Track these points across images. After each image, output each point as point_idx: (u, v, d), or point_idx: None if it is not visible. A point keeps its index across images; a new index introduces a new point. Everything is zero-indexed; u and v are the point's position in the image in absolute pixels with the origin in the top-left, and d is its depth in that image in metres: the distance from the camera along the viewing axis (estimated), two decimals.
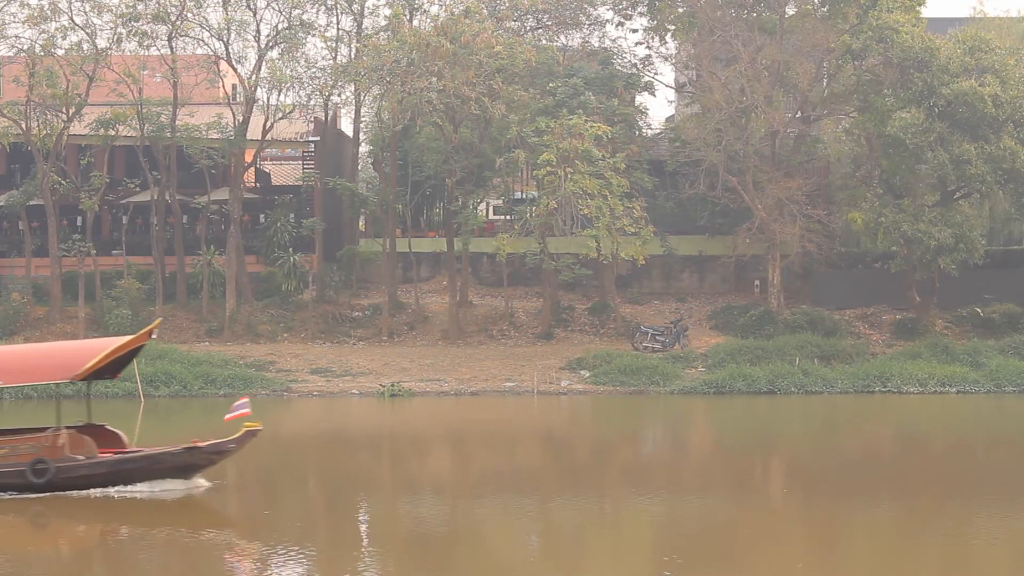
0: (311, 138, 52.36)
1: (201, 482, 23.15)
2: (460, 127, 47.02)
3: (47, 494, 22.02)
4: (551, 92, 46.22)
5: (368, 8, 50.37)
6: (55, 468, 21.97)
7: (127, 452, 23.13)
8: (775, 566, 17.72)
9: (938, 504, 22.18)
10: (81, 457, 22.33)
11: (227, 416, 23.23)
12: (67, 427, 22.84)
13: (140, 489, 22.50)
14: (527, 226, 46.70)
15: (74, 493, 22.18)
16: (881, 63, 45.21)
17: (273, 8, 48.38)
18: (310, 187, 51.44)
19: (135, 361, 40.23)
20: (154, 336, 24.85)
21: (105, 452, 22.79)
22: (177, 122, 48.11)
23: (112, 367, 23.99)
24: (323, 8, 49.32)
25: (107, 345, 23.70)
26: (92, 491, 22.31)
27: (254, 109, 48.19)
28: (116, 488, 22.42)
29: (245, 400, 23.98)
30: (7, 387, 26.54)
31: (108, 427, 23.60)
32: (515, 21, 50.79)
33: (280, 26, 48.15)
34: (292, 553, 18.32)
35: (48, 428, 22.81)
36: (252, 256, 50.20)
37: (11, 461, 22.00)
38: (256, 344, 45.84)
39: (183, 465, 22.84)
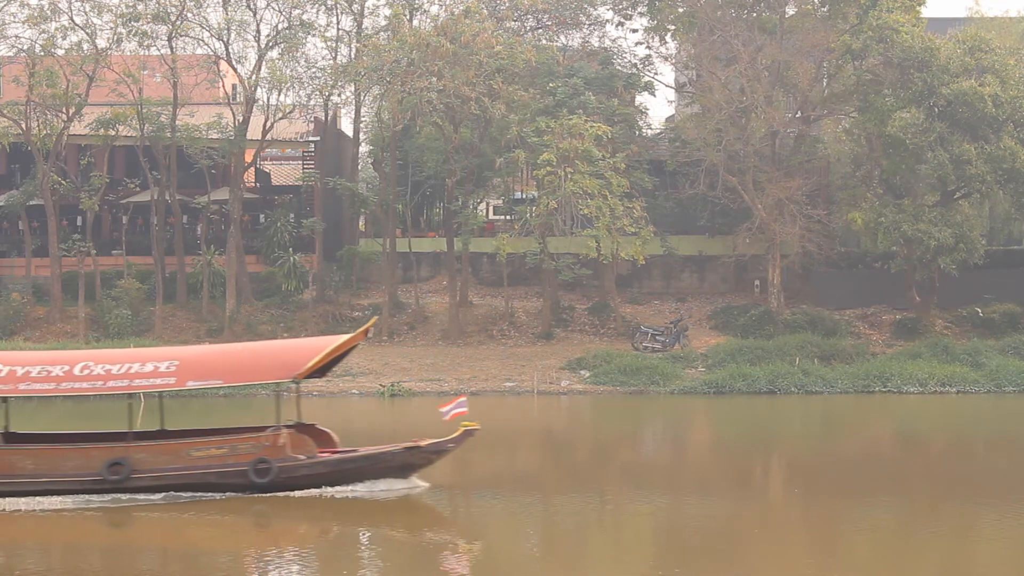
0: (311, 138, 52.38)
1: (419, 482, 22.66)
2: (460, 127, 47.02)
3: (267, 494, 21.60)
4: (551, 92, 46.22)
5: (368, 8, 50.49)
6: (277, 468, 21.54)
7: (346, 452, 22.65)
8: (775, 566, 17.72)
9: (938, 504, 22.18)
10: (302, 457, 21.88)
11: (445, 414, 22.71)
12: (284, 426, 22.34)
13: (358, 489, 22.06)
14: (527, 226, 46.69)
15: (293, 493, 21.72)
16: (881, 63, 45.22)
17: (273, 8, 48.46)
18: (310, 187, 51.46)
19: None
20: (370, 334, 24.44)
21: (322, 452, 22.33)
22: (177, 122, 48.12)
23: (324, 366, 23.51)
24: (323, 8, 49.36)
25: (326, 344, 23.34)
26: (310, 491, 21.83)
27: (254, 109, 48.20)
28: (335, 488, 21.97)
29: (463, 399, 23.57)
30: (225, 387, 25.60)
31: (318, 426, 23.08)
32: (515, 21, 50.82)
33: (280, 26, 48.21)
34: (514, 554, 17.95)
35: (267, 428, 22.34)
36: (252, 256, 50.21)
37: (231, 461, 21.62)
38: None
39: (402, 465, 22.38)
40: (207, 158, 48.56)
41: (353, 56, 48.87)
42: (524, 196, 51.19)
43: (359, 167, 57.88)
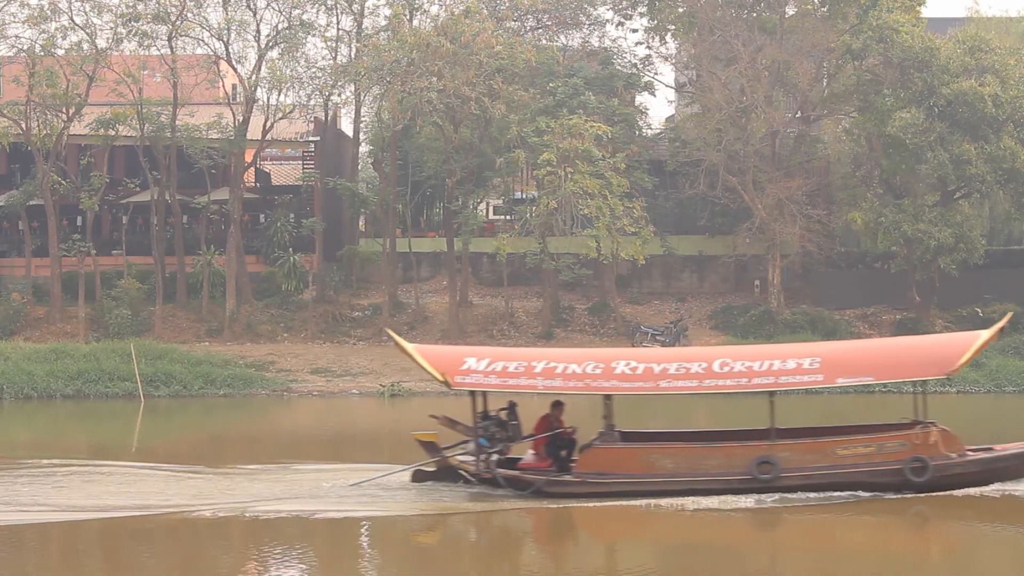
0: (311, 138, 52.38)
1: None
2: (460, 127, 47.03)
3: (921, 495, 20.54)
4: (551, 92, 46.23)
5: (368, 8, 50.44)
6: (932, 466, 20.59)
7: (983, 449, 21.71)
8: (774, 567, 17.72)
9: (938, 504, 22.13)
10: (953, 455, 20.94)
11: None
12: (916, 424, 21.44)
13: (1006, 488, 21.18)
14: (527, 226, 46.70)
15: (946, 493, 20.72)
16: (881, 63, 45.24)
17: (273, 8, 48.44)
18: (310, 187, 51.46)
19: (134, 362, 40.43)
20: (1004, 331, 23.90)
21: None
22: (177, 122, 48.11)
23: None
24: (323, 8, 49.34)
25: (975, 339, 22.10)
26: (956, 492, 20.84)
27: (254, 109, 48.18)
28: (984, 488, 21.00)
29: None
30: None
31: (937, 424, 21.70)
32: (515, 21, 50.83)
33: (280, 26, 48.19)
34: None
35: (916, 424, 21.34)
36: (252, 256, 50.21)
37: (879, 460, 20.69)
38: (256, 344, 45.82)
39: None
40: (207, 158, 48.56)
41: (353, 56, 48.86)
42: (524, 196, 51.20)
43: (359, 167, 57.88)
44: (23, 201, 48.73)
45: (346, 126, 56.83)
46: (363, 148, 56.94)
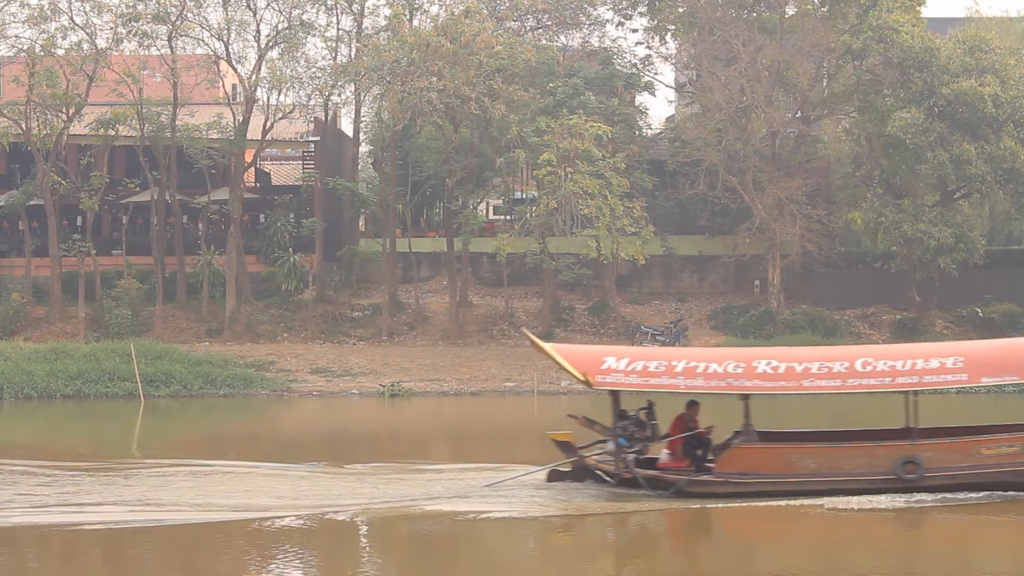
0: (311, 138, 52.36)
1: None
2: (460, 127, 47.03)
3: None
4: (551, 92, 46.23)
5: (368, 8, 50.46)
6: None
7: None
8: (775, 567, 17.72)
9: (938, 503, 22.12)
10: None
11: None
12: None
13: None
14: (527, 226, 46.69)
15: None
16: (881, 63, 45.25)
17: (273, 8, 48.43)
18: (310, 187, 51.45)
19: (134, 362, 40.44)
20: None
21: None
22: (177, 122, 48.11)
23: None
24: (323, 8, 49.34)
25: None
26: None
27: (254, 109, 48.17)
28: None
29: None
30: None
31: None
32: (515, 21, 50.83)
33: (280, 26, 48.19)
34: None
35: None
36: (252, 256, 50.19)
37: (1023, 460, 20.31)
38: (256, 344, 45.82)
39: None
40: (207, 158, 48.55)
41: (353, 56, 48.85)
42: (524, 196, 51.20)
43: (359, 167, 57.89)
44: (23, 201, 48.72)
45: (346, 126, 56.88)
46: (363, 148, 56.95)
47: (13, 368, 40.35)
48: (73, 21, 46.89)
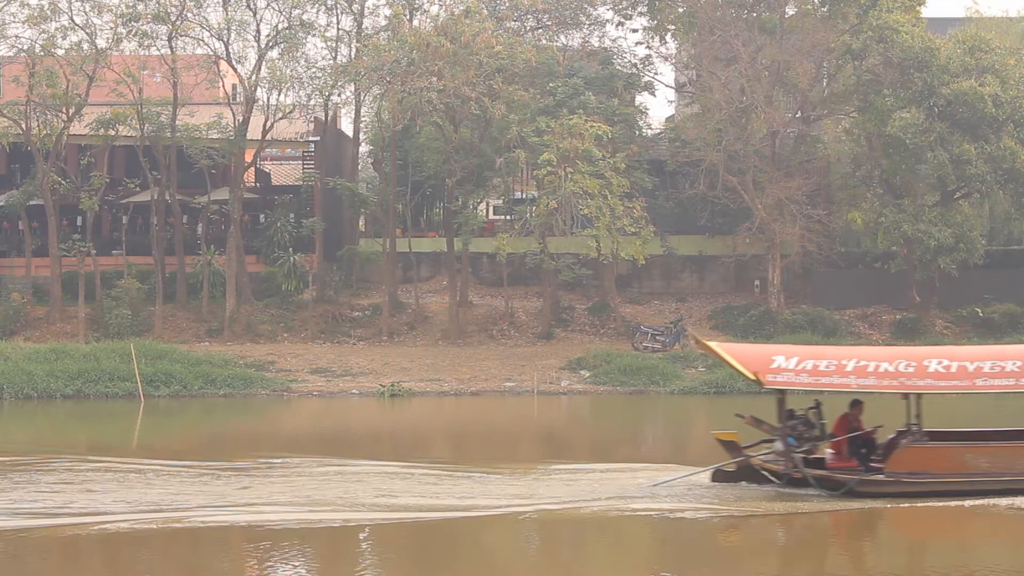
0: (311, 138, 52.36)
1: None
2: (460, 127, 47.04)
3: None
4: (551, 92, 46.23)
5: (368, 8, 50.54)
6: None
7: None
8: (773, 567, 17.72)
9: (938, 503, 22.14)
10: None
11: None
12: None
13: None
14: (527, 226, 46.69)
15: None
16: (881, 63, 45.24)
17: (273, 8, 48.42)
18: (310, 187, 51.46)
19: (134, 362, 40.43)
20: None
21: None
22: (177, 122, 48.11)
23: None
24: (323, 8, 49.36)
25: None
26: None
27: (254, 109, 48.17)
28: None
29: None
30: None
31: None
32: (515, 21, 50.81)
33: (280, 26, 48.17)
34: None
35: None
36: (252, 256, 50.19)
37: None
38: (256, 344, 45.83)
39: None
40: (207, 158, 48.55)
41: (353, 56, 48.85)
42: (524, 196, 51.22)
43: (359, 167, 57.89)
44: (23, 201, 48.73)
45: (346, 126, 56.88)
46: (363, 148, 56.95)
47: (13, 368, 40.34)
48: (73, 21, 46.90)
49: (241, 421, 37.35)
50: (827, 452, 21.26)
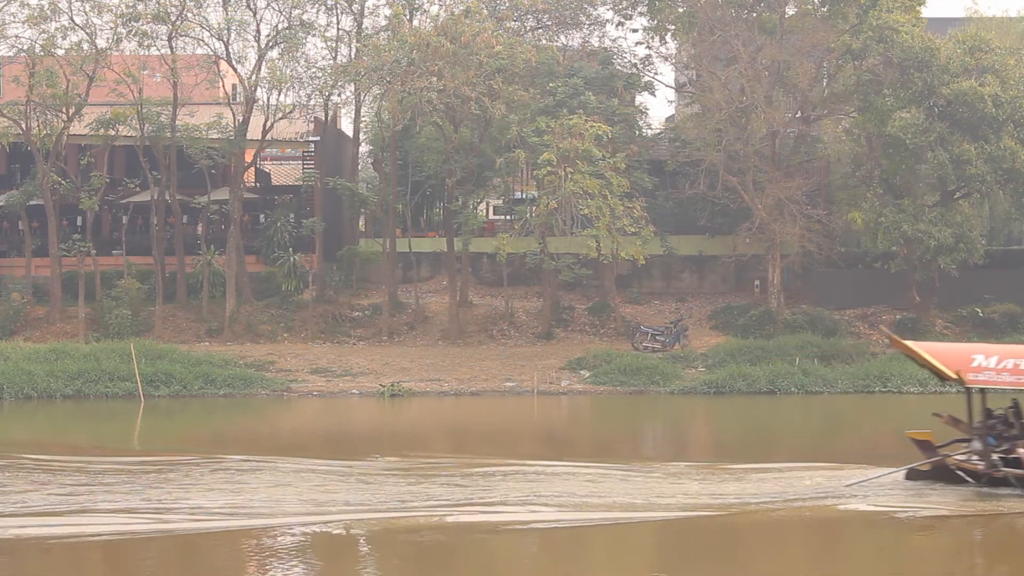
0: (311, 138, 52.37)
1: None
2: (460, 127, 47.04)
3: None
4: (551, 92, 46.22)
5: (368, 8, 50.55)
6: None
7: None
8: (774, 567, 17.72)
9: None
10: None
11: None
12: None
13: None
14: (527, 226, 46.69)
15: None
16: (881, 63, 45.23)
17: (273, 8, 48.43)
18: (310, 187, 51.46)
19: (134, 362, 40.40)
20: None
21: None
22: (177, 122, 48.12)
23: None
24: (323, 8, 49.36)
25: None
26: None
27: (254, 109, 48.18)
28: None
29: None
30: None
31: None
32: (515, 21, 50.82)
33: (280, 26, 48.18)
34: None
35: None
36: (252, 256, 50.20)
37: None
38: (256, 344, 45.84)
39: None
40: (207, 158, 48.56)
41: (353, 56, 48.85)
42: (524, 196, 51.22)
43: (359, 167, 57.89)
44: (23, 201, 48.73)
45: (346, 126, 56.88)
46: (363, 148, 56.96)
47: (13, 368, 40.37)
48: (73, 21, 46.91)
49: (264, 418, 37.35)
50: (1021, 452, 21.10)
